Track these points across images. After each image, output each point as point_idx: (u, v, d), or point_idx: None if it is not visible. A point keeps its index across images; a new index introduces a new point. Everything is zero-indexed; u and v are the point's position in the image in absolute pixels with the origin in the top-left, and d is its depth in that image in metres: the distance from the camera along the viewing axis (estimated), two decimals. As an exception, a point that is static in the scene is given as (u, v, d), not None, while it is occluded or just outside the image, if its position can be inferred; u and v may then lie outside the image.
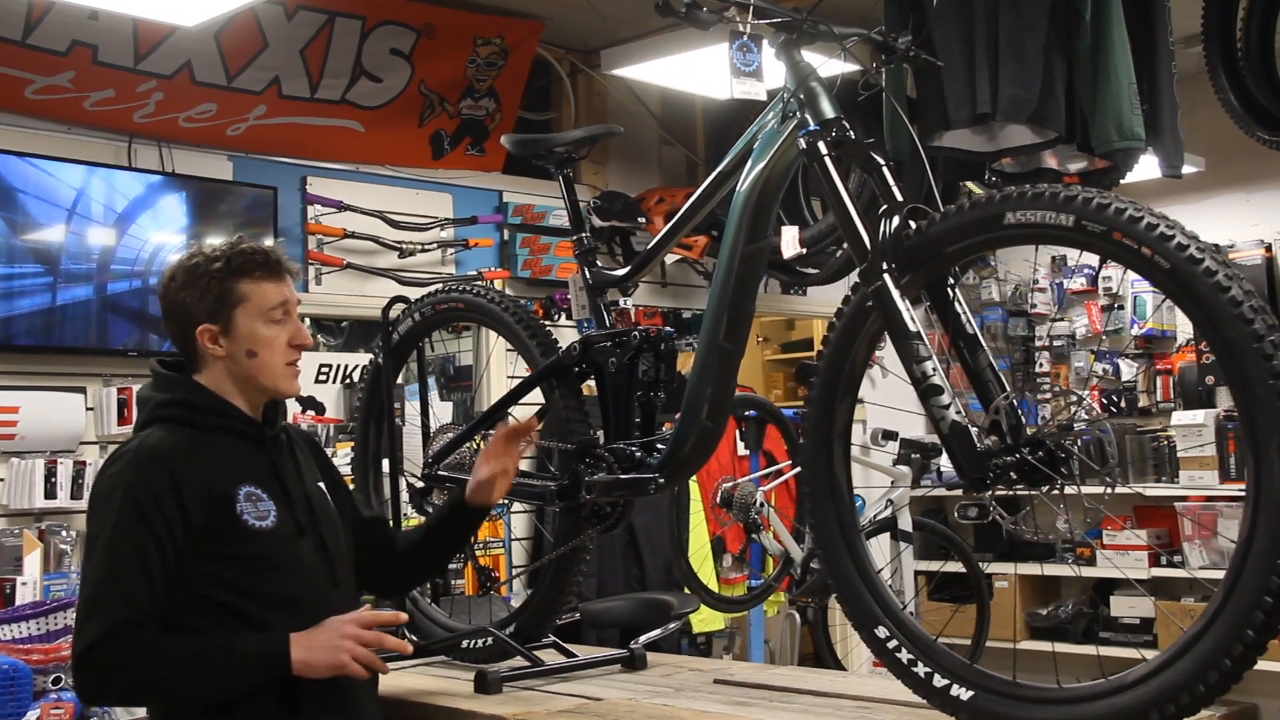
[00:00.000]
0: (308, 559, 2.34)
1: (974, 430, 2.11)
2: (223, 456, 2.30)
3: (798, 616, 5.88)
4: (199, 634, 2.21)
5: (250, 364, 2.34)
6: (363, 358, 5.49)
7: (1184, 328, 7.10)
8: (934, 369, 2.15)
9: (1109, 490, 2.11)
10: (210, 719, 2.22)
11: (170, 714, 2.31)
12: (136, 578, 2.17)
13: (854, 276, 2.32)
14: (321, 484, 2.51)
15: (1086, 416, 2.29)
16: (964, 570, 5.72)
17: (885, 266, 2.21)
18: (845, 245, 5.21)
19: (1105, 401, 7.24)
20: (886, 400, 3.17)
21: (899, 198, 2.27)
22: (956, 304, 2.26)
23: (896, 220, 2.23)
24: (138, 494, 2.19)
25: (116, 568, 2.17)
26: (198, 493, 2.22)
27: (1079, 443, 2.12)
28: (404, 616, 2.43)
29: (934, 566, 6.70)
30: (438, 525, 2.69)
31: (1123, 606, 6.79)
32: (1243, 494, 1.86)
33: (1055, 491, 2.08)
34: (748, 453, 5.43)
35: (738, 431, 5.60)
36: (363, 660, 2.23)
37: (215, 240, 2.44)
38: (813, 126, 2.35)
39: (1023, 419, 2.13)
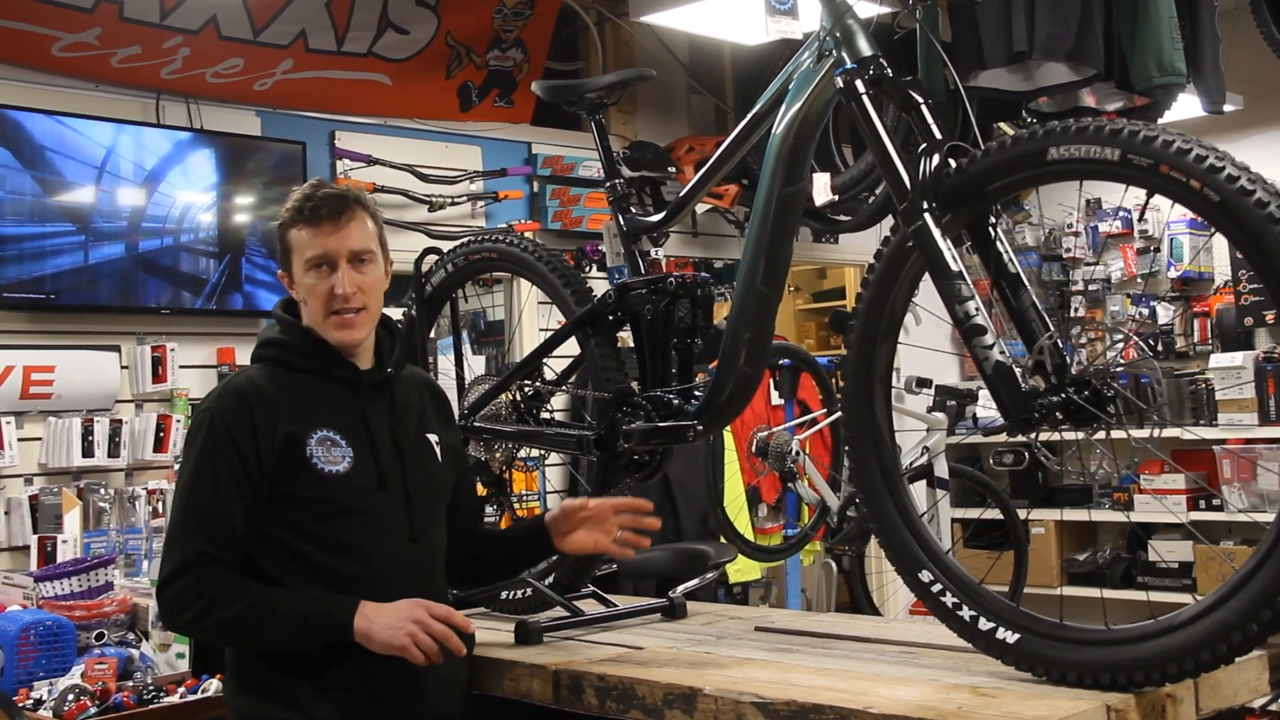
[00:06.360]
0: (385, 509, 2.35)
1: (1018, 370, 2.08)
2: (306, 398, 2.35)
3: (834, 565, 5.87)
4: (268, 574, 2.26)
5: (305, 311, 2.42)
6: (393, 312, 5.47)
7: (1221, 269, 7.01)
8: (976, 309, 2.10)
9: (1155, 431, 2.07)
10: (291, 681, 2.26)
11: (243, 669, 2.34)
12: (214, 510, 2.24)
13: (886, 224, 2.28)
14: (434, 436, 2.52)
15: (1123, 356, 2.23)
16: (1000, 517, 5.68)
17: (926, 205, 2.16)
18: (878, 191, 5.21)
19: (1143, 345, 7.18)
20: (920, 346, 3.12)
21: (938, 135, 2.22)
22: (999, 243, 2.21)
23: (936, 158, 2.19)
24: (216, 428, 2.27)
25: (195, 500, 2.26)
26: (271, 432, 2.27)
27: (1125, 382, 2.08)
28: (473, 629, 2.39)
29: (969, 514, 6.67)
30: (518, 538, 2.71)
31: (1161, 551, 6.76)
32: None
33: (1100, 433, 2.05)
34: (782, 401, 5.41)
35: (772, 380, 5.58)
36: (424, 648, 2.20)
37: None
38: (850, 64, 2.29)
39: (1068, 359, 2.10)
